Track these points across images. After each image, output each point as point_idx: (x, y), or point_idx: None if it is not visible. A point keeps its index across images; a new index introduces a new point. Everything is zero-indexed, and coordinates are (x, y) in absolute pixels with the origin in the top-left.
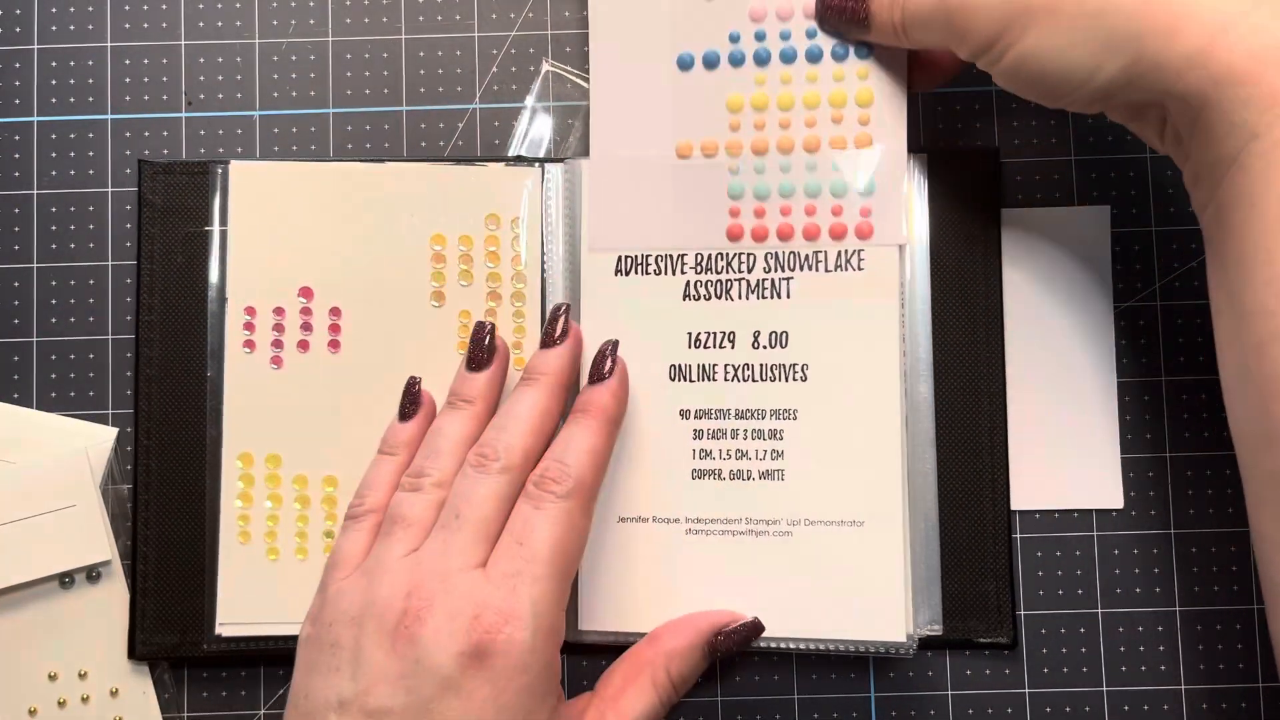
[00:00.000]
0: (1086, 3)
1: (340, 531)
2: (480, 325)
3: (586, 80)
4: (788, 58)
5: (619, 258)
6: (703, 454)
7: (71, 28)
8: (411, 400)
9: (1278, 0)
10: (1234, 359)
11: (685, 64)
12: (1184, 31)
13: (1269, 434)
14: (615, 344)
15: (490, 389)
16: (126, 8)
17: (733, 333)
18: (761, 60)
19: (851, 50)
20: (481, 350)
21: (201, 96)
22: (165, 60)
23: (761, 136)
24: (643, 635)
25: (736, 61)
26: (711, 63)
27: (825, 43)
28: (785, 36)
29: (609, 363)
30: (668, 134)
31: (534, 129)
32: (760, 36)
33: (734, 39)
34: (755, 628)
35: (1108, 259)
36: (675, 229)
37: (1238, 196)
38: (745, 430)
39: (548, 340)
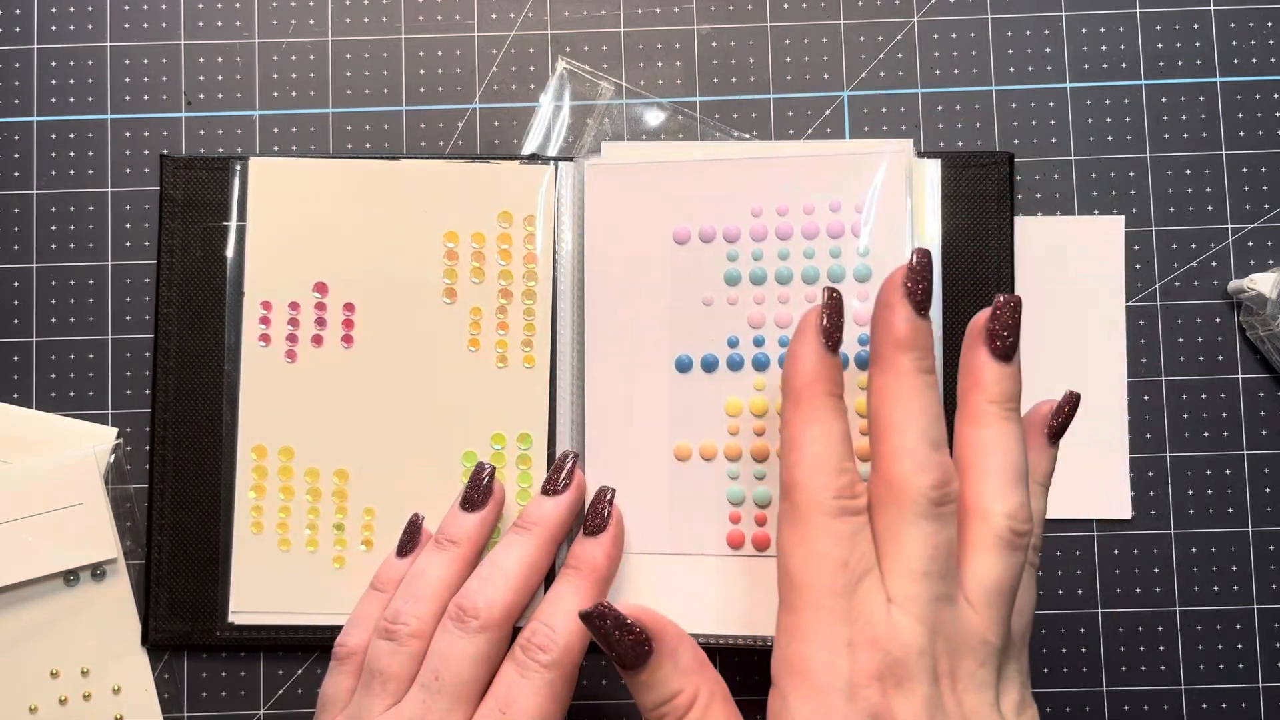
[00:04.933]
0: None
1: (328, 670)
2: (481, 466)
3: (602, 79)
4: None
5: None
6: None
7: (71, 28)
8: (411, 537)
9: None
10: None
11: (683, 366)
12: None
13: None
14: (612, 493)
15: (480, 532)
16: (126, 8)
17: None
18: (760, 365)
19: (852, 359)
20: (478, 491)
21: (201, 96)
22: (165, 60)
23: (761, 442)
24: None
25: (735, 366)
26: (710, 366)
27: None
28: (784, 343)
29: (604, 513)
30: (665, 435)
31: (546, 127)
32: (759, 342)
33: (732, 344)
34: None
35: (1120, 268)
36: (673, 532)
37: None
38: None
39: (549, 488)
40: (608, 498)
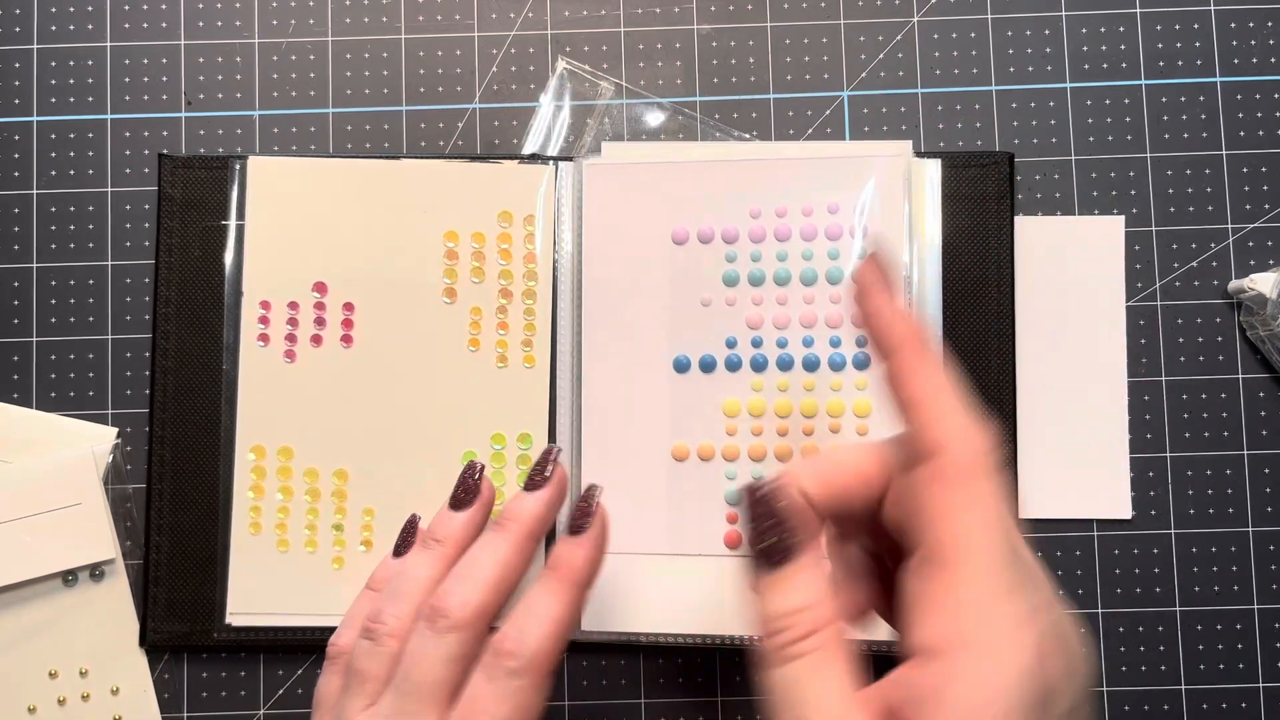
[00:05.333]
0: None
1: (322, 669)
2: (471, 465)
3: (602, 79)
4: (784, 365)
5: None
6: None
7: (71, 28)
8: (407, 537)
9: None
10: None
11: (681, 366)
12: None
13: None
14: (600, 491)
15: (465, 532)
16: (126, 8)
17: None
18: (758, 366)
19: (849, 360)
20: (466, 491)
21: (201, 96)
22: (165, 60)
23: (759, 443)
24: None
25: (733, 366)
26: (708, 366)
27: (822, 351)
28: (782, 344)
29: (589, 512)
30: (663, 436)
31: (547, 127)
32: (756, 343)
33: (730, 344)
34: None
35: (1120, 268)
36: (671, 532)
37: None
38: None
39: (531, 484)
40: (595, 496)
